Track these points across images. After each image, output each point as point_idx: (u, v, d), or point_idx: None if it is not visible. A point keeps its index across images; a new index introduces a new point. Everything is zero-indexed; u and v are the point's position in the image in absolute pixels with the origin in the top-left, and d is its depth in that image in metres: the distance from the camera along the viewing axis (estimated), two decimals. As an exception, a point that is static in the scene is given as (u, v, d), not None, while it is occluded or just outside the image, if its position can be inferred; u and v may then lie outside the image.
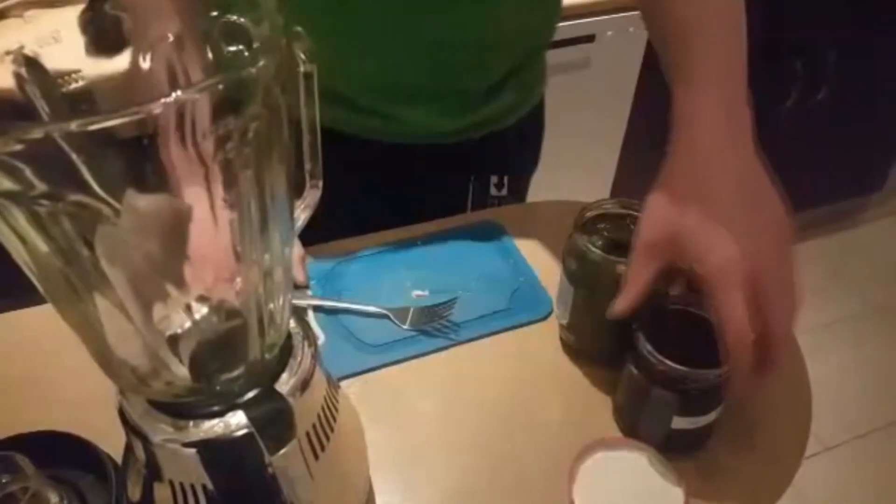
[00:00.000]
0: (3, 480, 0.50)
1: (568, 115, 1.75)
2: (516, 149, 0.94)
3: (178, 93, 0.27)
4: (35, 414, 0.59)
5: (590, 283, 0.61)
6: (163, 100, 0.27)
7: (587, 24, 1.58)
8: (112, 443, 0.53)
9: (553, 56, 1.58)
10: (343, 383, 0.64)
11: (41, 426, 0.55)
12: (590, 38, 1.60)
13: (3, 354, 0.68)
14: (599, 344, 0.65)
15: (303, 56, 0.37)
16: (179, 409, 0.40)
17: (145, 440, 0.40)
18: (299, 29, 0.36)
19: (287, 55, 0.31)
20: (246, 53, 0.34)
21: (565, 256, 0.63)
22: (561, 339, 0.68)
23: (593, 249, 0.59)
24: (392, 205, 0.86)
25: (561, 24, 1.54)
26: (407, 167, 0.86)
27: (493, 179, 0.92)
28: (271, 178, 0.32)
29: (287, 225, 0.37)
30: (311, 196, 0.43)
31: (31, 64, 0.35)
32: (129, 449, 0.44)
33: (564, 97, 1.71)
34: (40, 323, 0.70)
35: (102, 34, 0.38)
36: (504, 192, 0.93)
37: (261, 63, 0.29)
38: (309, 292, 0.73)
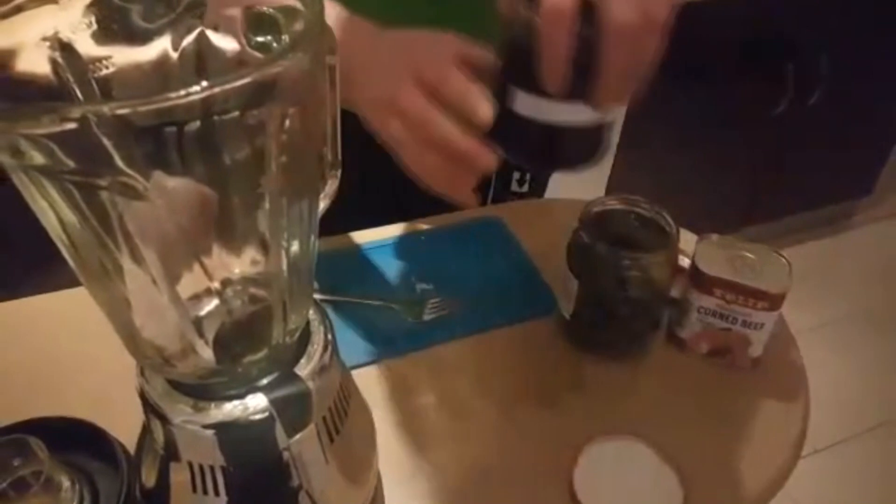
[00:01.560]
0: (16, 464, 0.50)
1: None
2: None
3: (205, 83, 0.27)
4: (48, 399, 0.59)
5: (594, 277, 0.62)
6: (194, 88, 0.27)
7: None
8: (123, 430, 0.53)
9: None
10: (349, 374, 0.65)
11: (54, 412, 0.55)
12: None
13: (18, 340, 0.68)
14: (603, 337, 0.66)
15: (328, 48, 0.38)
16: (200, 391, 0.40)
17: (165, 420, 0.41)
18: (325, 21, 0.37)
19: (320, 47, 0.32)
20: (275, 44, 0.35)
21: (570, 251, 0.64)
22: (564, 332, 0.69)
23: (598, 244, 0.60)
24: (406, 196, 0.85)
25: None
26: None
27: (516, 175, 0.92)
28: (302, 165, 0.33)
29: (313, 212, 0.38)
30: (330, 185, 0.44)
31: (66, 49, 0.36)
32: (146, 431, 0.45)
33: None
34: (56, 309, 0.71)
35: (109, 26, 0.39)
36: (525, 188, 0.94)
37: (297, 55, 0.29)
38: (315, 285, 0.74)
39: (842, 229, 2.43)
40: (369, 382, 0.65)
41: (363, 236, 0.81)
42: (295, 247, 0.37)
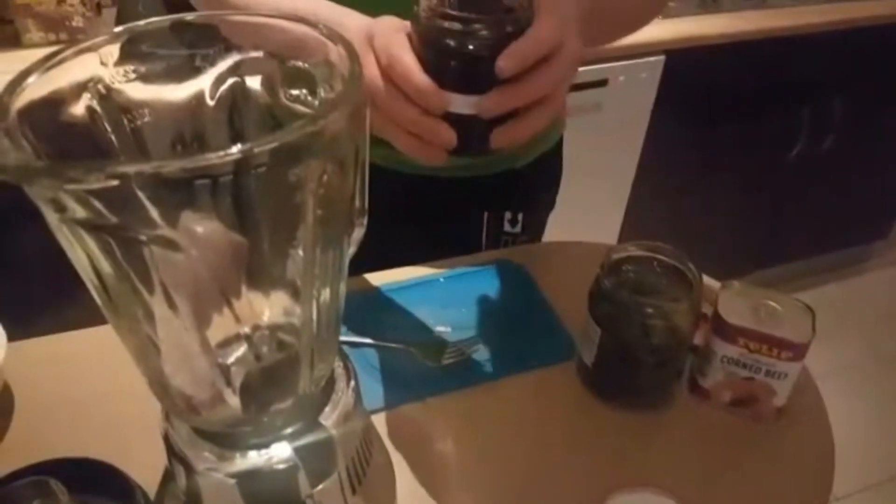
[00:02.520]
0: (36, 505, 0.50)
1: (579, 157, 1.77)
2: (532, 187, 0.95)
3: (245, 145, 0.28)
4: (70, 440, 0.59)
5: (617, 325, 0.62)
6: (233, 149, 0.28)
7: (600, 70, 1.61)
8: (144, 474, 0.53)
9: (566, 99, 1.62)
10: (368, 418, 0.65)
11: (75, 453, 0.55)
12: (602, 83, 1.63)
13: (40, 379, 0.68)
14: (625, 386, 0.65)
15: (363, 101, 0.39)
16: (225, 439, 0.40)
17: (188, 467, 0.40)
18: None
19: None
20: (309, 98, 0.36)
21: (591, 298, 0.64)
22: (584, 380, 0.68)
23: (622, 292, 0.60)
24: (402, 235, 0.86)
25: (575, 68, 1.59)
26: (415, 197, 0.87)
27: (507, 216, 0.93)
28: (336, 216, 0.33)
29: (343, 260, 0.38)
30: (358, 232, 0.44)
31: (104, 98, 0.36)
32: (168, 476, 0.45)
33: (576, 140, 1.73)
34: (79, 348, 0.71)
35: (143, 73, 0.39)
36: (518, 228, 0.94)
37: (336, 114, 0.30)
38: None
39: (858, 273, 2.42)
40: (386, 428, 0.65)
41: (380, 277, 0.81)
42: (325, 294, 0.38)
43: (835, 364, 2.02)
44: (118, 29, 0.37)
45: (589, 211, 1.87)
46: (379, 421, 0.65)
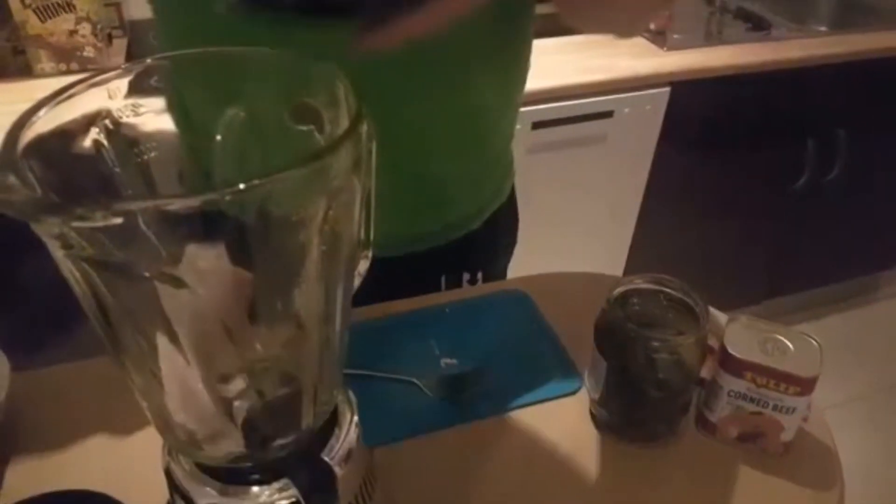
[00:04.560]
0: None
1: (585, 188, 1.78)
2: (488, 245, 0.93)
3: (251, 182, 0.28)
4: (70, 472, 0.59)
5: (624, 358, 0.61)
6: (240, 186, 0.28)
7: (606, 101, 1.62)
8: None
9: (572, 131, 1.64)
10: (371, 451, 0.64)
11: (75, 485, 0.55)
12: (608, 115, 1.64)
13: (41, 410, 0.68)
14: (633, 420, 0.65)
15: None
16: (227, 474, 0.40)
17: (190, 503, 0.40)
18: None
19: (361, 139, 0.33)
20: (317, 134, 0.36)
21: (598, 331, 0.64)
22: (591, 414, 0.68)
23: (628, 325, 0.60)
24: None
25: (580, 100, 1.60)
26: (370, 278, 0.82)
27: (466, 276, 0.91)
28: (341, 251, 0.33)
29: (348, 294, 0.38)
30: (362, 265, 0.44)
31: (111, 133, 0.37)
32: (169, 512, 0.44)
33: (582, 170, 1.75)
34: (81, 378, 0.71)
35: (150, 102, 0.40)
36: (465, 288, 0.91)
37: (339, 152, 0.30)
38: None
39: (865, 303, 2.41)
40: (389, 462, 0.64)
41: (384, 309, 0.80)
42: (329, 328, 0.37)
43: (845, 395, 2.00)
44: (125, 65, 0.38)
45: (594, 241, 1.87)
46: (380, 455, 0.64)
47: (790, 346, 0.63)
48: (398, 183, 0.69)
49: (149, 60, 0.39)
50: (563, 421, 0.68)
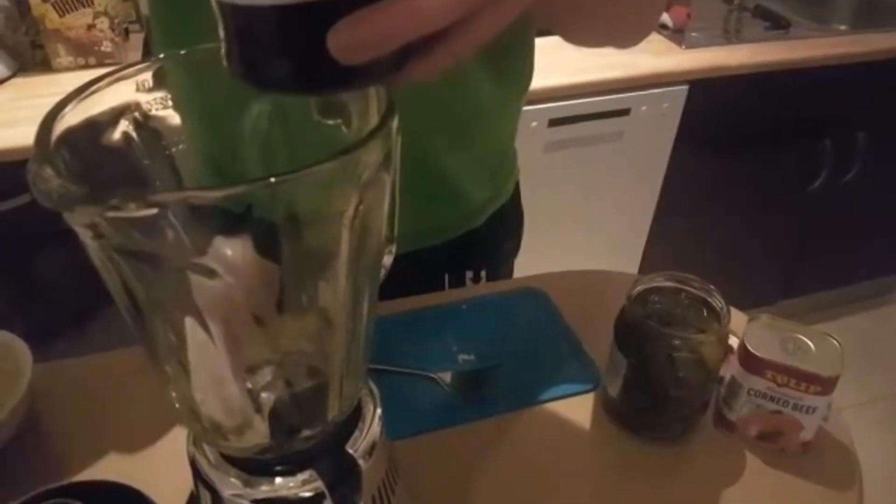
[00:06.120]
0: (58, 529, 0.50)
1: (600, 186, 1.78)
2: (491, 242, 0.93)
3: (281, 175, 0.28)
4: (92, 462, 0.59)
5: (643, 356, 0.61)
6: (271, 179, 0.28)
7: (623, 99, 1.61)
8: (167, 497, 0.53)
9: (588, 128, 1.63)
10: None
11: (97, 475, 0.55)
12: (625, 112, 1.64)
13: (63, 401, 0.68)
14: (651, 418, 0.65)
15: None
16: (252, 465, 0.40)
17: (215, 493, 0.40)
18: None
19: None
20: (344, 128, 0.36)
21: (617, 328, 0.63)
22: (609, 411, 0.68)
23: (649, 323, 0.60)
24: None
25: (597, 97, 1.60)
26: None
27: (469, 274, 0.91)
28: (369, 246, 0.33)
29: (374, 288, 0.38)
30: (387, 259, 0.44)
31: (140, 125, 0.37)
32: (193, 501, 0.44)
33: (598, 168, 1.74)
34: (104, 369, 0.71)
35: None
36: (482, 283, 0.91)
37: (370, 146, 0.30)
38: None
39: (883, 304, 2.39)
40: (406, 456, 0.64)
41: (403, 304, 0.81)
42: (356, 321, 0.38)
43: (863, 396, 1.98)
44: (146, 62, 0.38)
45: (610, 239, 1.87)
46: (400, 449, 0.65)
47: (811, 345, 0.62)
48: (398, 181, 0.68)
49: (165, 56, 0.39)
50: (580, 418, 0.68)
